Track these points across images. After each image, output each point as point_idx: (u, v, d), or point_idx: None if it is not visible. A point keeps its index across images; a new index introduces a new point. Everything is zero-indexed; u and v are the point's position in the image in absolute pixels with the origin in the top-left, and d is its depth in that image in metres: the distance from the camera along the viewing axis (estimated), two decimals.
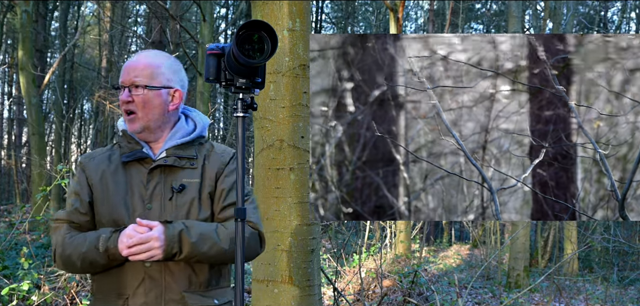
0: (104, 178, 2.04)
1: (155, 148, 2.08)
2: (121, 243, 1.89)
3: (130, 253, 1.88)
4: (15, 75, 20.78)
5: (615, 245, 13.43)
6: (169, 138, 2.08)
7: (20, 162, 20.67)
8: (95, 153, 2.14)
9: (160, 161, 2.03)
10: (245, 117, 1.87)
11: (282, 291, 3.60)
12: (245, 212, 1.82)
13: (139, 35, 21.08)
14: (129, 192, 2.02)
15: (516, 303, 8.11)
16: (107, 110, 15.14)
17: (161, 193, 2.02)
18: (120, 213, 2.00)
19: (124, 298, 1.99)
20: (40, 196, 5.82)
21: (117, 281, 2.00)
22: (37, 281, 5.26)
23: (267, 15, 3.57)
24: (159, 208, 2.00)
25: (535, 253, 13.88)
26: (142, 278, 1.98)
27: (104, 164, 2.07)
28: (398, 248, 11.93)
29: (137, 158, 2.03)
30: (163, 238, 1.89)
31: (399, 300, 7.56)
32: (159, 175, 2.03)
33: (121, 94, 2.03)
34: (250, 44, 1.80)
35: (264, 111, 3.57)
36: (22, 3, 12.92)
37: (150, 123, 2.03)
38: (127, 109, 2.02)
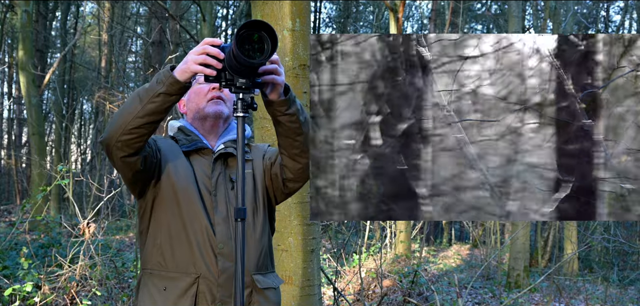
0: (171, 157, 2.11)
1: (211, 143, 2.20)
2: (185, 66, 1.86)
3: (270, 67, 1.89)
4: (15, 75, 20.78)
5: (615, 245, 13.43)
6: (223, 134, 2.22)
7: (20, 162, 20.67)
8: (160, 138, 2.21)
9: (221, 150, 2.15)
10: (245, 117, 1.88)
11: (282, 291, 3.60)
12: (245, 212, 1.83)
13: (139, 35, 21.09)
14: (191, 178, 2.09)
15: (516, 303, 8.11)
16: (107, 110, 15.15)
17: (224, 184, 2.12)
18: (191, 189, 2.06)
19: (195, 276, 2.02)
20: (41, 196, 5.82)
21: (186, 259, 2.03)
22: (37, 281, 5.26)
23: (267, 15, 3.57)
24: (222, 197, 2.10)
25: (535, 253, 13.87)
26: (214, 257, 2.03)
27: (171, 148, 2.14)
28: (398, 248, 11.93)
29: (197, 148, 2.14)
30: (283, 75, 1.95)
31: (399, 300, 7.56)
32: (221, 165, 2.14)
33: (209, 86, 2.16)
34: (251, 43, 1.80)
35: (264, 111, 3.57)
36: (22, 3, 12.92)
37: (229, 114, 2.23)
38: (218, 96, 2.18)
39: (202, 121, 2.19)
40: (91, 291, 5.51)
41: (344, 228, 13.19)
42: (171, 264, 2.04)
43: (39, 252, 7.01)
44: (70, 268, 5.68)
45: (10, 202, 19.79)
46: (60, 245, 7.59)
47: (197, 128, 2.21)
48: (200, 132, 2.20)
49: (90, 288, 5.67)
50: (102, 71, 18.77)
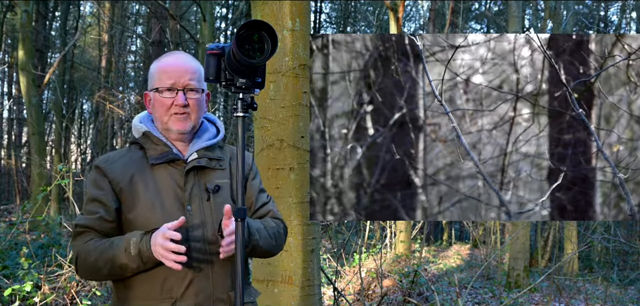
0: (133, 181, 2.00)
1: (182, 151, 2.08)
2: (155, 249, 1.85)
3: (228, 250, 1.91)
4: (15, 75, 20.78)
5: (616, 245, 13.43)
6: (195, 140, 2.09)
7: (20, 161, 20.67)
8: (114, 157, 2.08)
9: (194, 162, 2.04)
10: (245, 117, 1.87)
11: (282, 291, 3.60)
12: (245, 212, 1.83)
13: (139, 35, 21.09)
14: (160, 194, 1.99)
15: (516, 303, 8.10)
16: (107, 110, 15.14)
17: (198, 195, 2.02)
18: (156, 217, 1.95)
19: (171, 302, 1.95)
20: (41, 196, 5.82)
21: (161, 285, 1.96)
22: (37, 281, 5.26)
23: (267, 15, 3.57)
24: (197, 209, 2.01)
25: (535, 253, 13.87)
26: (190, 280, 1.96)
27: (130, 167, 2.03)
28: (398, 248, 11.93)
29: (168, 160, 2.03)
30: None
31: (399, 300, 7.56)
32: (194, 176, 2.04)
33: (172, 97, 2.02)
34: (251, 43, 1.80)
35: (264, 111, 3.57)
36: (22, 3, 12.92)
37: (196, 124, 2.08)
38: (183, 112, 2.02)
39: (167, 132, 2.06)
40: (91, 291, 5.52)
41: (344, 228, 13.19)
42: (144, 292, 1.97)
43: (39, 252, 7.00)
44: (70, 268, 5.68)
45: (10, 202, 19.78)
46: (60, 245, 7.59)
47: (163, 133, 2.08)
48: (168, 138, 2.07)
49: (90, 288, 5.67)
50: (102, 71, 18.76)
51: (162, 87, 2.03)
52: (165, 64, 2.06)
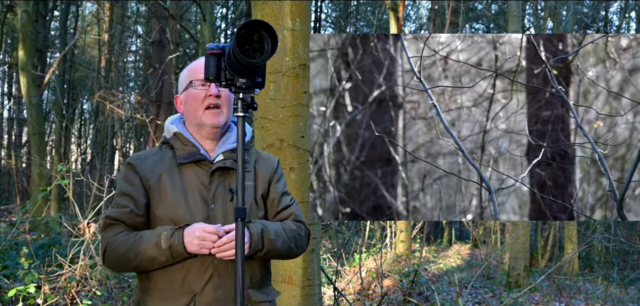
0: (162, 179, 2.07)
1: (209, 151, 2.14)
2: (191, 241, 1.94)
3: (220, 251, 1.94)
4: (15, 75, 20.78)
5: (616, 245, 13.44)
6: (222, 142, 2.15)
7: (21, 161, 20.67)
8: (146, 155, 2.16)
9: (219, 163, 2.09)
10: (245, 117, 1.88)
11: (282, 291, 3.60)
12: (245, 212, 1.84)
13: (139, 35, 21.09)
14: (186, 192, 2.06)
15: (516, 302, 8.11)
16: (107, 110, 15.15)
17: (222, 195, 2.08)
18: (181, 213, 2.03)
19: (191, 296, 2.01)
20: (41, 196, 5.82)
21: (182, 278, 2.02)
22: (38, 281, 5.26)
23: (267, 15, 3.57)
24: (221, 208, 2.07)
25: (536, 253, 13.88)
26: (210, 275, 2.02)
27: (160, 165, 2.10)
28: (398, 248, 11.94)
29: (195, 159, 2.09)
30: (249, 236, 1.97)
31: (399, 300, 7.56)
32: (219, 177, 2.10)
33: (205, 89, 2.09)
34: (251, 43, 1.80)
35: (264, 111, 3.57)
36: (22, 3, 12.92)
37: (228, 120, 2.14)
38: (215, 103, 2.09)
39: (199, 128, 2.13)
40: (91, 291, 5.51)
41: (344, 228, 13.20)
42: (165, 284, 2.03)
43: (39, 252, 7.01)
44: (71, 268, 5.68)
45: (10, 202, 19.78)
46: (61, 245, 7.60)
47: (193, 133, 2.15)
48: (198, 138, 2.14)
49: (91, 288, 5.67)
50: (102, 71, 18.77)
51: (195, 80, 2.10)
52: (197, 64, 2.15)
